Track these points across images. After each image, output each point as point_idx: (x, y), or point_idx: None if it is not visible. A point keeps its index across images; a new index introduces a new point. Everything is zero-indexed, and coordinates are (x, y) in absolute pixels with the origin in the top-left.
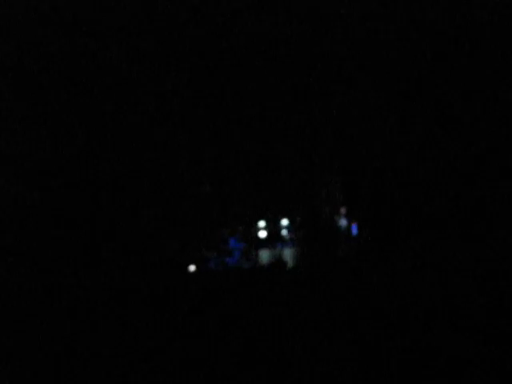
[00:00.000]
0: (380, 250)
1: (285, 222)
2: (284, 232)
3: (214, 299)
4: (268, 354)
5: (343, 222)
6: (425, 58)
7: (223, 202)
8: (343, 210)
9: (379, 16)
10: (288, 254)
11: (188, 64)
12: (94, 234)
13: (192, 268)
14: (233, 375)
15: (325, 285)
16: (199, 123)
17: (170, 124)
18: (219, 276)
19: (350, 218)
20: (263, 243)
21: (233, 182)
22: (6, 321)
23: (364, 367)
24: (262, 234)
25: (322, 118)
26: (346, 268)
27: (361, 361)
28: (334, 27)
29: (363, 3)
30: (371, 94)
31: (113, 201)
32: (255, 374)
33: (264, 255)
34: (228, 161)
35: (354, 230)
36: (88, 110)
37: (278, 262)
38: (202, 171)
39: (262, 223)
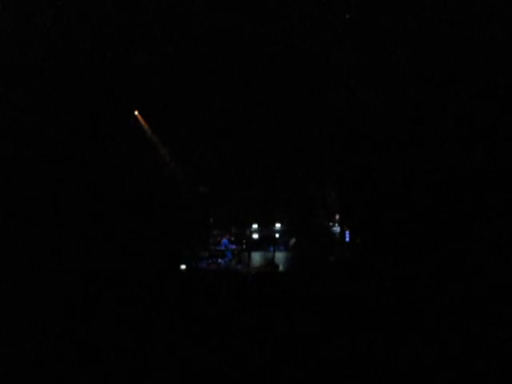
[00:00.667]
0: (372, 256)
1: (278, 226)
2: (277, 236)
3: (203, 298)
4: (258, 353)
5: (337, 229)
6: (423, 68)
7: (219, 204)
8: (337, 217)
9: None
10: (280, 257)
11: (186, 69)
12: (91, 233)
13: (183, 267)
14: (223, 372)
15: (316, 288)
16: (198, 126)
17: (169, 127)
18: (210, 276)
19: (343, 225)
20: (256, 246)
21: (230, 186)
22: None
23: (353, 366)
24: (255, 236)
25: (319, 129)
26: (339, 272)
27: (350, 360)
28: (333, 36)
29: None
30: (368, 106)
31: (109, 201)
32: (246, 371)
33: (256, 257)
34: (226, 165)
35: (347, 237)
36: (91, 110)
37: (269, 264)
38: (199, 174)
39: (255, 226)
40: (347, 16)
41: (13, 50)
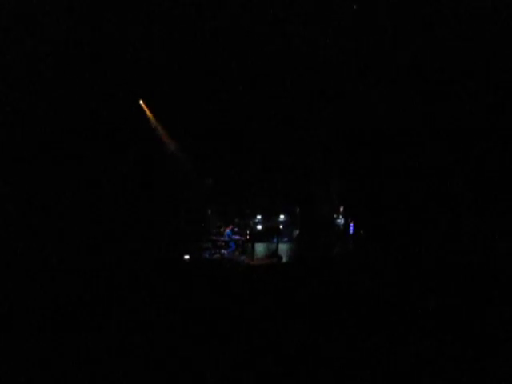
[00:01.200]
0: (375, 249)
1: (282, 217)
2: (281, 227)
3: (206, 289)
4: (258, 346)
5: (341, 221)
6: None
7: (223, 195)
8: (342, 210)
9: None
10: (284, 248)
11: (193, 59)
12: (98, 220)
13: (186, 257)
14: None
15: (320, 279)
16: (203, 117)
17: (175, 117)
18: (213, 266)
19: (347, 217)
20: (259, 237)
21: (235, 178)
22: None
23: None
24: (259, 227)
25: (322, 122)
26: (342, 264)
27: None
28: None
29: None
30: (371, 99)
31: (112, 190)
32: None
33: (260, 248)
34: (231, 157)
35: (351, 229)
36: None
37: (273, 255)
38: (205, 165)
39: (259, 217)
40: (354, 7)
41: (19, 36)
